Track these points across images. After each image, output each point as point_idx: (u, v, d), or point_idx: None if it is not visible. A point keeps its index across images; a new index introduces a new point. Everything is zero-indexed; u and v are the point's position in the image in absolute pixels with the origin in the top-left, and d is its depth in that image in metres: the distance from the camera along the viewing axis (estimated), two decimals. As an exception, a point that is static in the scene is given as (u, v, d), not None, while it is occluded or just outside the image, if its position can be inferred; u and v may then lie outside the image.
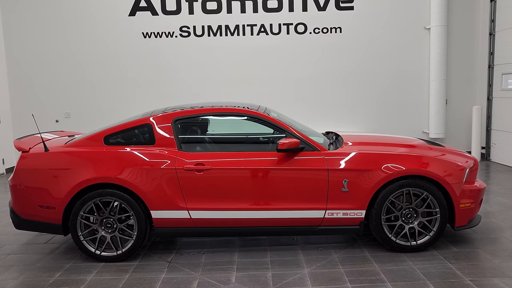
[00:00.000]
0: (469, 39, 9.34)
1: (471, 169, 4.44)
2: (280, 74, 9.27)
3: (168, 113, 4.52)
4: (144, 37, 9.19)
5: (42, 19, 9.15)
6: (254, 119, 4.47)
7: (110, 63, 9.27)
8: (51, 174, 4.24)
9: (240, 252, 4.49)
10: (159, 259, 4.35)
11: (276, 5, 9.11)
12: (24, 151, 4.36)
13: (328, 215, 4.25)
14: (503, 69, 8.68)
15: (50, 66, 9.27)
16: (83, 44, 9.22)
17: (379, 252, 4.35)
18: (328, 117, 9.28)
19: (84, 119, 9.26)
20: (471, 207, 4.34)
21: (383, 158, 4.27)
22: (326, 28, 9.18)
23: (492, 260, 4.10)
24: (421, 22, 9.18)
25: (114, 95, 9.32)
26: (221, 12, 9.12)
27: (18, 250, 4.72)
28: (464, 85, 9.44)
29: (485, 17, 9.12)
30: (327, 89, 9.32)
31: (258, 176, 4.23)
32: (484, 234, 4.79)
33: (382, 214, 4.22)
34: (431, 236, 4.29)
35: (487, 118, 9.22)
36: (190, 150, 4.39)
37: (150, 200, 4.19)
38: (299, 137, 4.33)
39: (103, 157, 4.27)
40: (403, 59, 9.28)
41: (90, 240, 4.29)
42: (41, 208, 4.26)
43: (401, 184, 4.19)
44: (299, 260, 4.23)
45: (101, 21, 9.16)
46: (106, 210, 4.25)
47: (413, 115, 9.43)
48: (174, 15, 9.12)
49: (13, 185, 4.36)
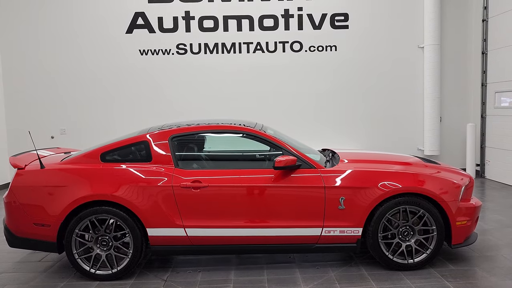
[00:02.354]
0: (462, 57, 9.49)
1: (467, 186, 4.46)
2: (277, 91, 9.35)
3: (165, 130, 4.53)
4: (141, 54, 9.26)
5: (38, 36, 9.20)
6: (250, 136, 4.49)
7: (107, 80, 9.30)
8: (47, 191, 4.21)
9: (236, 270, 4.45)
10: (155, 278, 4.30)
11: (272, 24, 9.23)
12: (20, 168, 4.33)
13: (325, 232, 4.23)
14: (496, 87, 8.80)
15: (45, 82, 9.29)
16: (79, 61, 9.26)
17: (376, 270, 4.33)
18: (323, 134, 9.32)
19: (79, 135, 9.25)
20: (468, 225, 4.35)
21: (379, 175, 4.28)
22: (322, 46, 9.30)
23: (489, 278, 4.10)
24: (415, 41, 9.33)
25: (110, 112, 9.33)
26: (217, 30, 9.22)
27: (11, 269, 4.66)
28: (458, 103, 9.56)
29: (478, 36, 9.29)
30: (321, 106, 9.40)
31: (255, 193, 4.22)
32: (481, 252, 4.79)
33: (379, 231, 4.22)
34: (428, 254, 4.28)
35: (481, 135, 9.30)
36: (187, 167, 4.39)
37: (146, 217, 4.17)
38: (296, 154, 4.34)
39: (99, 174, 4.25)
40: (397, 77, 9.40)
41: (85, 258, 4.24)
42: (35, 225, 4.21)
43: (397, 201, 4.20)
44: (296, 279, 4.20)
45: (98, 38, 9.23)
46: (102, 228, 4.22)
47: (408, 132, 9.50)
48: (171, 32, 9.22)
49: (7, 202, 4.31)
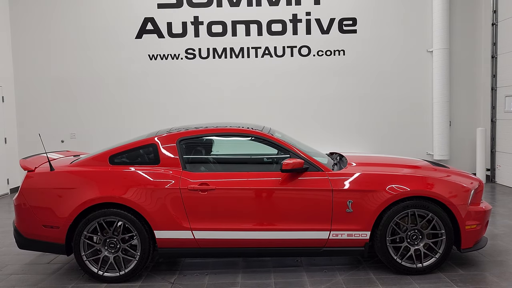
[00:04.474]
0: (471, 61, 9.43)
1: (476, 190, 4.41)
2: (285, 95, 9.36)
3: (173, 133, 4.55)
4: (150, 59, 9.33)
5: (49, 41, 9.33)
6: (258, 139, 4.49)
7: (116, 85, 9.39)
8: (56, 193, 4.25)
9: (243, 274, 4.45)
10: (162, 280, 4.31)
11: (280, 28, 9.26)
12: (30, 170, 4.38)
13: (333, 236, 4.21)
14: (506, 91, 8.72)
15: (55, 88, 9.40)
16: (89, 66, 9.37)
17: (385, 275, 4.29)
18: (332, 139, 9.30)
19: (89, 140, 9.33)
20: (477, 229, 4.30)
21: (387, 178, 4.26)
22: (330, 51, 9.30)
23: (500, 283, 4.04)
24: (424, 45, 9.29)
25: (120, 117, 9.41)
26: (226, 35, 9.28)
27: (20, 270, 4.70)
28: (468, 107, 9.49)
29: (487, 40, 9.22)
30: (331, 110, 9.38)
31: (262, 196, 4.22)
32: (491, 257, 4.73)
33: (387, 235, 4.19)
34: (437, 258, 4.24)
35: (491, 140, 9.21)
36: (195, 170, 4.40)
37: (154, 220, 4.18)
38: (303, 157, 4.34)
39: (107, 177, 4.29)
40: (406, 81, 9.36)
41: (93, 260, 4.27)
42: (45, 227, 4.25)
43: (406, 205, 4.16)
44: (303, 282, 4.18)
45: (108, 44, 9.33)
46: (110, 230, 4.24)
47: (417, 137, 9.45)
48: (180, 37, 9.29)
49: (17, 205, 4.36)
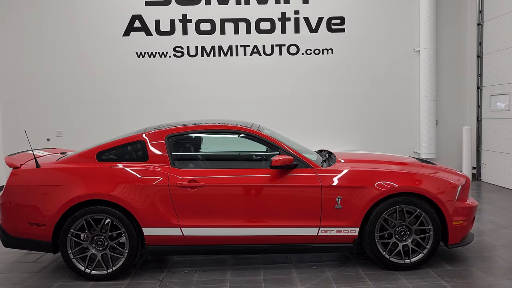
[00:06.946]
0: (457, 61, 9.54)
1: (463, 187, 4.47)
2: (273, 93, 9.35)
3: (161, 130, 4.52)
4: (138, 57, 9.25)
5: (35, 37, 9.18)
6: (247, 136, 4.48)
7: (103, 83, 9.28)
8: (42, 190, 4.19)
9: (232, 271, 4.43)
10: (151, 278, 4.28)
11: (269, 27, 9.25)
12: (15, 167, 4.30)
13: (322, 232, 4.22)
14: (491, 90, 8.84)
15: (42, 84, 9.26)
16: (76, 63, 9.24)
17: (373, 270, 4.32)
18: (320, 137, 9.32)
19: (76, 138, 9.20)
20: (464, 225, 4.35)
21: (376, 175, 4.28)
22: (318, 50, 9.33)
23: (486, 278, 4.09)
24: (411, 44, 9.38)
25: (107, 115, 9.31)
26: (214, 33, 9.24)
27: (6, 269, 4.62)
28: (454, 106, 9.60)
29: (473, 40, 9.34)
30: (318, 109, 9.41)
31: (251, 193, 4.21)
32: (478, 253, 4.79)
33: (375, 231, 4.21)
34: (425, 254, 4.28)
35: (477, 138, 9.33)
36: (183, 166, 4.37)
37: (142, 217, 4.14)
38: (293, 154, 4.34)
39: (95, 174, 4.24)
40: (393, 80, 9.43)
41: (80, 258, 4.21)
42: (31, 225, 4.18)
43: (394, 201, 4.20)
44: (293, 279, 4.18)
45: (95, 41, 9.22)
46: (97, 227, 4.19)
47: (404, 135, 9.52)
48: (168, 35, 9.22)
49: (3, 202, 4.28)
